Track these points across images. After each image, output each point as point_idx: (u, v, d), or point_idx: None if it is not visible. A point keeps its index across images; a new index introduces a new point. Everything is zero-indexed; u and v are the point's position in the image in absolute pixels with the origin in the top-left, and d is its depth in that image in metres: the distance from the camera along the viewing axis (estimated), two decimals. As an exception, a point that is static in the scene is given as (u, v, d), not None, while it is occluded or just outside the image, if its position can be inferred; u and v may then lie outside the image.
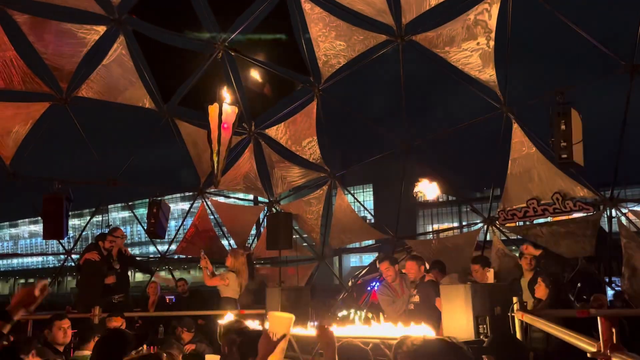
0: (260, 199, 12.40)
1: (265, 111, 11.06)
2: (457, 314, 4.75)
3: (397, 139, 10.15)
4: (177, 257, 15.63)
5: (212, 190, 11.68)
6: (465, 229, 12.47)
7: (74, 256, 10.70)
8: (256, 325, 4.96)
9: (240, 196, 13.82)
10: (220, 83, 7.58)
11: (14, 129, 9.36)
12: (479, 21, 7.89)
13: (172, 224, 15.51)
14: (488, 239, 9.12)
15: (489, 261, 7.31)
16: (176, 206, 44.85)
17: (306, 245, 11.88)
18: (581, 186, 7.74)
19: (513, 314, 4.46)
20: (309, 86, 10.14)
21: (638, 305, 7.01)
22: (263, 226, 12.35)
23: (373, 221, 14.78)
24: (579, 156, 6.89)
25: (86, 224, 14.14)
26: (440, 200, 45.87)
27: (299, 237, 11.66)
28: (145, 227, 10.58)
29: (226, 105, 6.65)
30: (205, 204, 11.52)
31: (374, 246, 19.76)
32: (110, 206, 49.85)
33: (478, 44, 8.04)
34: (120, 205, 51.84)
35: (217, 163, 6.73)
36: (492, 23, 7.81)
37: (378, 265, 7.40)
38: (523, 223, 8.45)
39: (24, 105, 9.52)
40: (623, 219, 7.82)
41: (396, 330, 4.16)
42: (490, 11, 7.75)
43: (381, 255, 7.93)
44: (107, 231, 8.49)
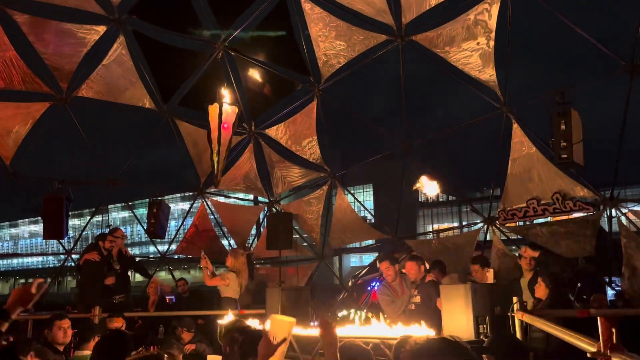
0: (260, 199, 12.40)
1: (265, 111, 11.06)
2: (457, 314, 4.76)
3: (397, 139, 10.16)
4: (177, 257, 15.64)
5: (212, 190, 11.68)
6: (465, 229, 12.46)
7: (74, 256, 10.71)
8: (256, 325, 4.97)
9: (241, 196, 13.82)
10: (220, 83, 7.57)
11: (14, 129, 9.37)
12: (479, 21, 7.88)
13: (172, 224, 15.51)
14: (488, 238, 9.11)
15: (488, 261, 7.31)
16: (176, 206, 44.86)
17: (306, 245, 11.87)
18: (581, 186, 7.73)
19: (513, 314, 4.47)
20: (309, 86, 10.14)
21: (638, 305, 7.00)
22: (263, 226, 12.35)
23: (373, 221, 14.78)
24: (579, 156, 6.89)
25: (86, 224, 14.15)
26: (441, 200, 45.92)
27: (299, 237, 11.65)
28: (145, 227, 10.60)
29: (226, 105, 6.65)
30: (205, 204, 11.52)
31: (374, 246, 19.77)
32: (110, 206, 49.89)
33: (478, 44, 8.04)
34: (120, 205, 51.89)
35: (217, 163, 6.73)
36: (492, 23, 7.81)
37: (378, 264, 7.40)
38: (523, 223, 8.45)
39: (24, 105, 9.52)
40: (623, 218, 7.81)
41: (396, 330, 4.17)
42: (490, 11, 7.75)
43: (381, 255, 7.91)
44: (107, 231, 8.49)
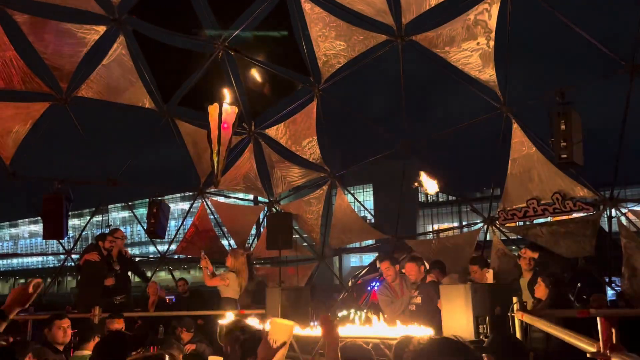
0: (260, 199, 12.40)
1: (265, 111, 11.07)
2: (457, 314, 4.75)
3: (397, 139, 10.16)
4: (177, 257, 15.64)
5: (212, 190, 11.68)
6: (465, 229, 12.47)
7: (73, 256, 10.71)
8: (256, 324, 4.97)
9: (240, 196, 13.82)
10: (220, 83, 7.59)
11: (14, 129, 9.37)
12: (479, 21, 7.88)
13: (172, 224, 15.50)
14: (488, 238, 9.11)
15: (487, 262, 7.30)
16: (176, 206, 44.86)
17: (306, 245, 11.87)
18: (581, 186, 7.73)
19: (513, 314, 4.46)
20: (309, 86, 10.14)
21: (638, 306, 7.00)
22: (263, 226, 12.35)
23: (373, 221, 14.79)
24: (578, 156, 6.89)
25: (86, 224, 14.15)
26: (441, 200, 45.93)
27: (298, 237, 11.65)
28: (145, 227, 10.59)
29: (226, 105, 6.64)
30: (205, 204, 11.52)
31: (374, 246, 19.76)
32: (110, 206, 49.90)
33: (478, 44, 8.04)
34: (120, 205, 51.91)
35: (217, 163, 6.72)
36: (492, 23, 7.81)
37: (378, 264, 7.39)
38: (523, 223, 8.45)
39: (23, 105, 9.52)
40: (623, 218, 7.81)
41: (396, 330, 4.17)
42: (490, 11, 7.75)
43: (382, 255, 7.90)
44: (107, 231, 8.49)
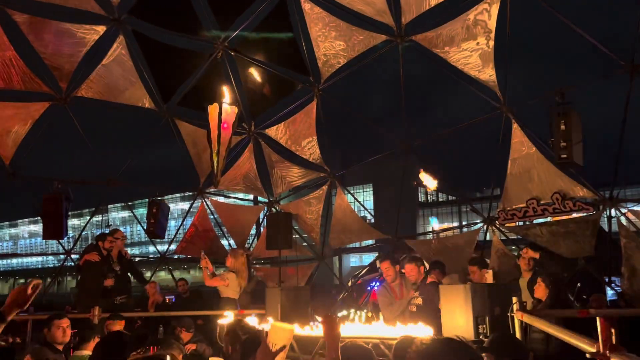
0: (260, 198, 12.40)
1: (265, 111, 11.07)
2: (456, 314, 4.75)
3: (397, 139, 10.15)
4: (177, 257, 15.63)
5: (212, 190, 11.68)
6: (465, 229, 12.47)
7: (73, 256, 10.71)
8: (255, 324, 4.97)
9: (240, 196, 13.82)
10: (220, 83, 7.57)
11: (14, 129, 9.36)
12: (479, 21, 7.88)
13: (171, 223, 15.51)
14: (488, 238, 9.11)
15: (486, 263, 7.30)
16: (176, 206, 44.88)
17: (306, 245, 11.87)
18: (581, 186, 7.72)
19: (513, 314, 4.46)
20: (308, 86, 10.14)
21: (638, 306, 7.00)
22: (263, 226, 12.35)
23: (373, 221, 14.78)
24: (578, 156, 6.89)
25: (86, 224, 14.13)
26: (441, 200, 45.94)
27: (298, 237, 11.65)
28: (145, 227, 10.59)
29: (226, 105, 6.63)
30: (205, 204, 11.52)
31: (373, 246, 19.76)
32: (110, 206, 49.86)
33: (478, 44, 8.03)
34: (120, 205, 51.87)
35: (216, 163, 6.71)
36: (492, 23, 7.81)
37: (378, 264, 7.39)
38: (523, 223, 8.44)
39: (23, 105, 9.51)
40: (623, 218, 7.81)
41: (396, 330, 4.17)
42: (489, 11, 7.74)
43: (382, 255, 7.92)
44: (107, 231, 8.49)
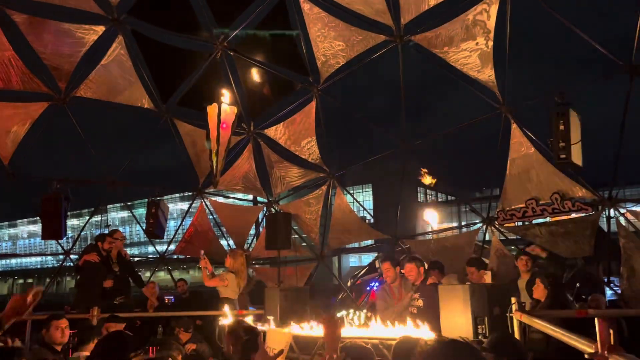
0: (260, 199, 12.40)
1: (264, 111, 11.07)
2: (455, 314, 4.75)
3: (396, 139, 10.15)
4: (176, 257, 15.63)
5: (211, 190, 11.67)
6: (464, 229, 12.47)
7: (72, 256, 10.70)
8: (251, 323, 4.98)
9: (240, 196, 13.81)
10: (219, 83, 7.58)
11: (13, 129, 9.35)
12: (478, 21, 7.89)
13: (171, 224, 15.50)
14: (487, 239, 9.11)
15: (484, 263, 7.29)
16: (175, 206, 44.90)
17: (305, 245, 11.86)
18: (580, 186, 7.72)
19: (511, 314, 4.45)
20: (308, 86, 10.14)
21: (637, 306, 7.00)
22: (262, 226, 12.34)
23: (372, 221, 14.78)
24: (577, 156, 6.89)
25: (85, 224, 14.10)
26: (440, 200, 45.94)
27: (298, 237, 11.65)
28: (144, 227, 10.58)
29: (225, 105, 6.63)
30: (204, 204, 11.52)
31: (373, 246, 19.77)
32: (109, 206, 49.88)
33: (477, 44, 8.04)
34: (119, 205, 51.82)
35: (216, 163, 6.71)
36: (491, 23, 7.81)
37: (378, 264, 7.38)
38: (522, 223, 8.45)
39: (22, 105, 9.50)
40: (622, 219, 7.81)
41: (395, 330, 4.17)
42: (489, 11, 7.75)
43: (384, 255, 7.90)
44: (106, 232, 8.48)
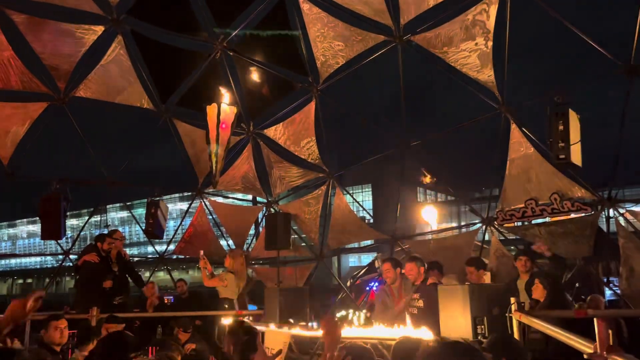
0: (259, 199, 12.40)
1: (263, 111, 11.06)
2: (455, 314, 4.75)
3: (396, 139, 10.15)
4: (175, 258, 15.61)
5: (211, 191, 11.67)
6: (464, 230, 12.48)
7: (72, 256, 10.69)
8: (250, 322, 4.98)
9: (239, 196, 13.80)
10: (219, 83, 7.58)
11: (12, 129, 9.35)
12: (477, 21, 7.89)
13: (170, 224, 15.49)
14: (486, 239, 9.11)
15: (484, 263, 7.28)
16: (175, 206, 44.88)
17: (305, 246, 11.86)
18: (579, 186, 7.72)
19: (511, 314, 4.46)
20: (307, 86, 10.13)
21: (636, 306, 7.00)
22: (261, 226, 12.34)
23: (372, 221, 14.77)
24: (576, 156, 6.89)
25: (84, 224, 14.10)
26: (439, 200, 45.93)
27: (297, 237, 11.64)
28: (144, 228, 10.57)
29: (224, 105, 6.65)
30: (203, 204, 11.51)
31: (372, 246, 19.76)
32: (108, 206, 49.78)
33: (476, 44, 8.04)
34: (118, 205, 51.80)
35: (215, 163, 6.73)
36: (491, 23, 7.81)
37: (380, 264, 7.36)
38: (521, 223, 8.45)
39: (21, 105, 9.50)
40: (621, 219, 7.81)
41: (394, 331, 4.17)
42: (488, 12, 7.75)
43: (385, 255, 7.90)
44: (106, 232, 8.48)
